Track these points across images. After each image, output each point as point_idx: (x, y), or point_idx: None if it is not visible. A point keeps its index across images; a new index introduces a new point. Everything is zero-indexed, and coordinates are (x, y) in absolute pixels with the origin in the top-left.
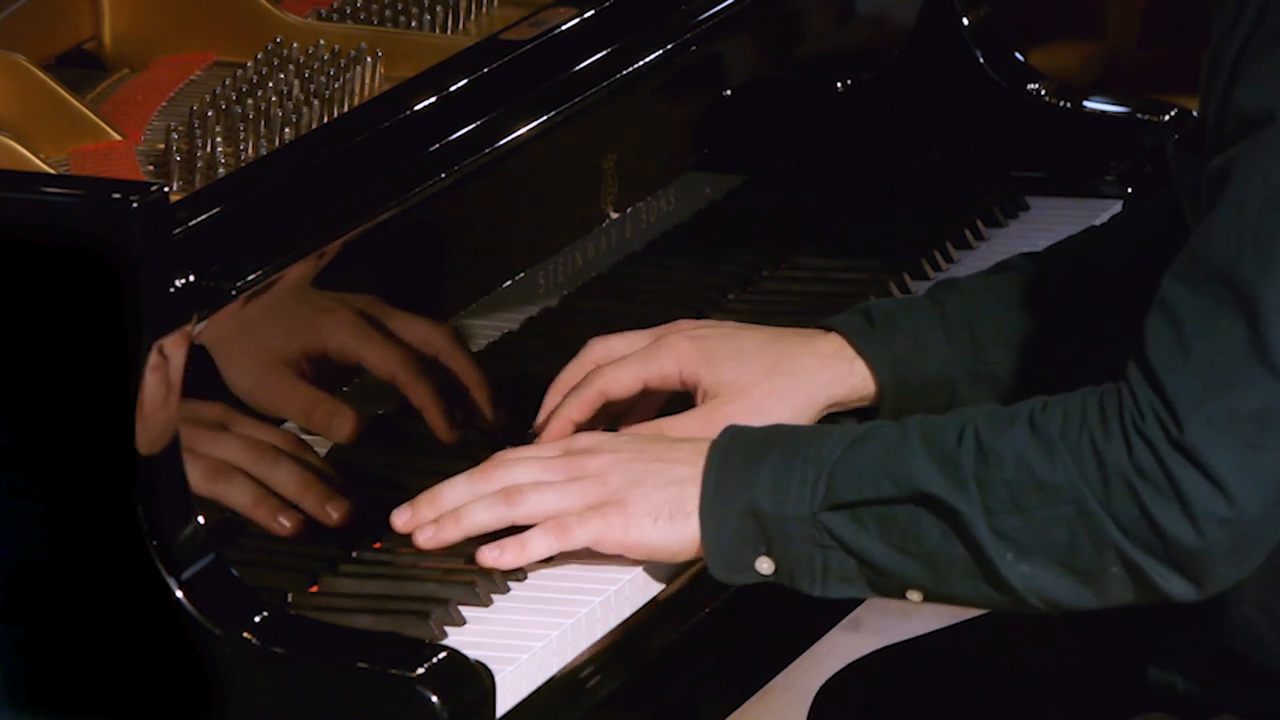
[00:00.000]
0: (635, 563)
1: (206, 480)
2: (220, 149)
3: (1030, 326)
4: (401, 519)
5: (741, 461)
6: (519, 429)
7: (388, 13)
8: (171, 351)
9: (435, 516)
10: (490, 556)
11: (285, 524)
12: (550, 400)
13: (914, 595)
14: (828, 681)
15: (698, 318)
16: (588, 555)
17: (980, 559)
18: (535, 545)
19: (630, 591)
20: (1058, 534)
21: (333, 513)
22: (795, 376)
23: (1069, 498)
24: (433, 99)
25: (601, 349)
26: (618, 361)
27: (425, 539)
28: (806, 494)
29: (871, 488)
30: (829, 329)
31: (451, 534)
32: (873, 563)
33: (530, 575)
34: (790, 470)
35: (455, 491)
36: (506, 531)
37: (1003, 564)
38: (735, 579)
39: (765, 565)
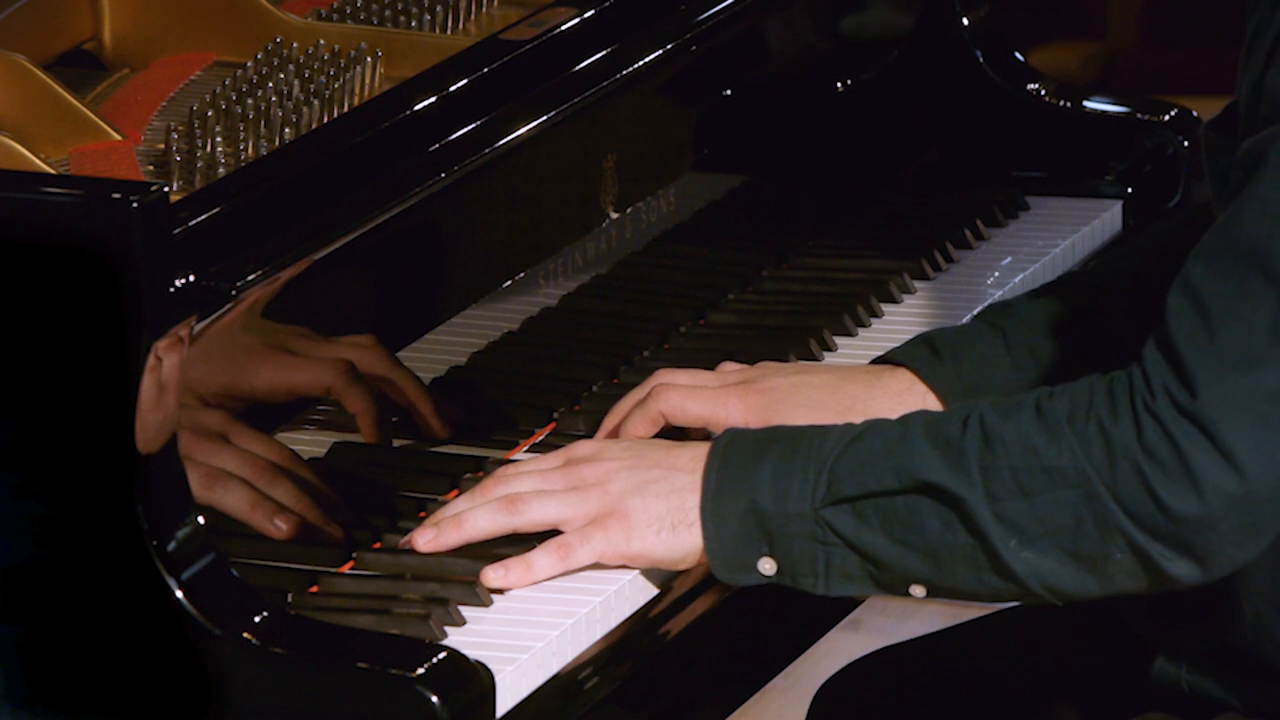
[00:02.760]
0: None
1: (203, 486)
2: (220, 149)
3: (1090, 344)
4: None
5: (741, 462)
6: (518, 429)
7: (388, 13)
8: (171, 351)
9: (439, 520)
10: (495, 576)
11: (282, 527)
12: (610, 422)
13: (917, 590)
14: (827, 681)
15: (698, 318)
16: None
17: (984, 546)
18: (539, 565)
19: (630, 591)
20: (1063, 518)
21: (329, 522)
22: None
23: (1075, 481)
24: (433, 99)
25: (667, 377)
26: (687, 389)
27: (424, 542)
28: (808, 490)
29: (874, 480)
30: (894, 363)
31: (451, 538)
32: (875, 557)
33: None
34: (791, 468)
35: (457, 503)
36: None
37: (1006, 551)
38: (738, 580)
39: (768, 566)
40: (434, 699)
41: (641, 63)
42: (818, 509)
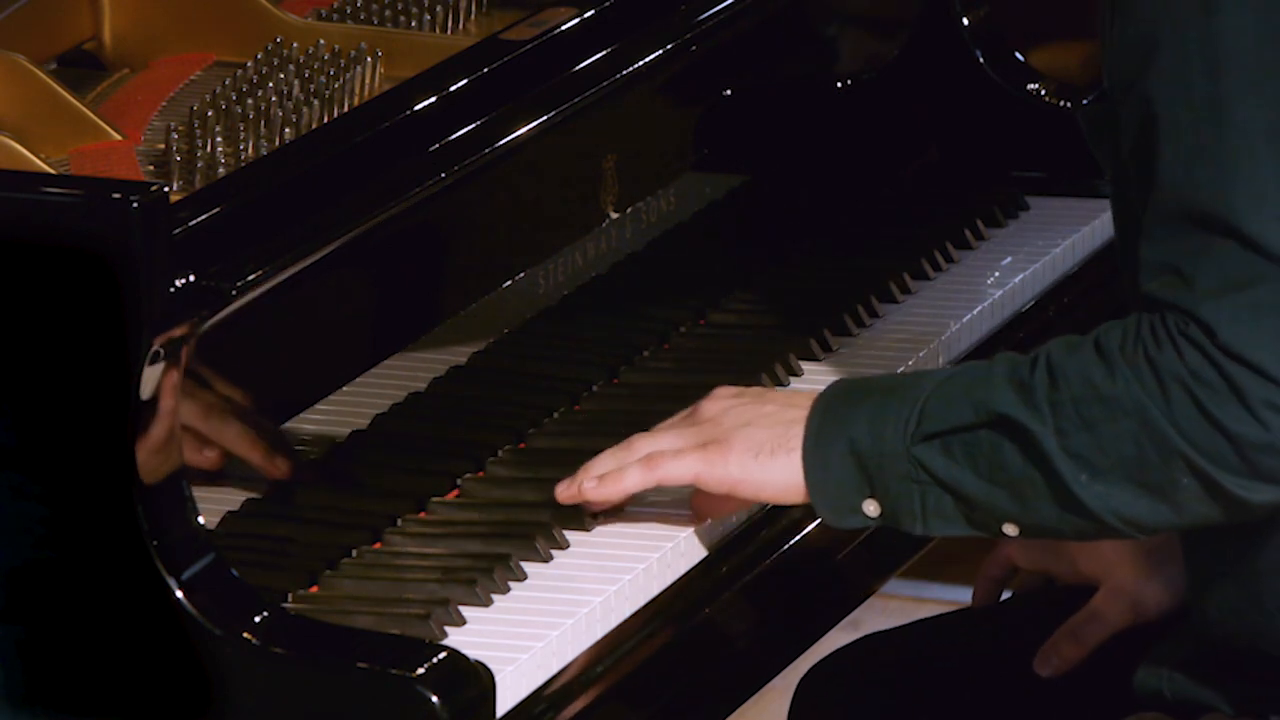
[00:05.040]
0: (635, 563)
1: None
2: (220, 149)
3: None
4: (564, 490)
5: (843, 405)
6: (518, 429)
7: (388, 13)
8: (171, 351)
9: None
10: (587, 488)
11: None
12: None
13: (1010, 529)
14: (810, 671)
15: (697, 318)
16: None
17: (1057, 482)
18: (630, 478)
19: (630, 592)
20: (1126, 449)
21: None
22: None
23: (1131, 409)
24: (433, 99)
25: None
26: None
27: (589, 488)
28: (901, 429)
29: (956, 415)
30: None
31: (613, 491)
32: (965, 495)
33: (530, 575)
34: (887, 409)
35: (604, 462)
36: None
37: (1077, 485)
38: (845, 522)
39: (872, 508)
40: (434, 699)
41: (641, 63)
42: (909, 447)
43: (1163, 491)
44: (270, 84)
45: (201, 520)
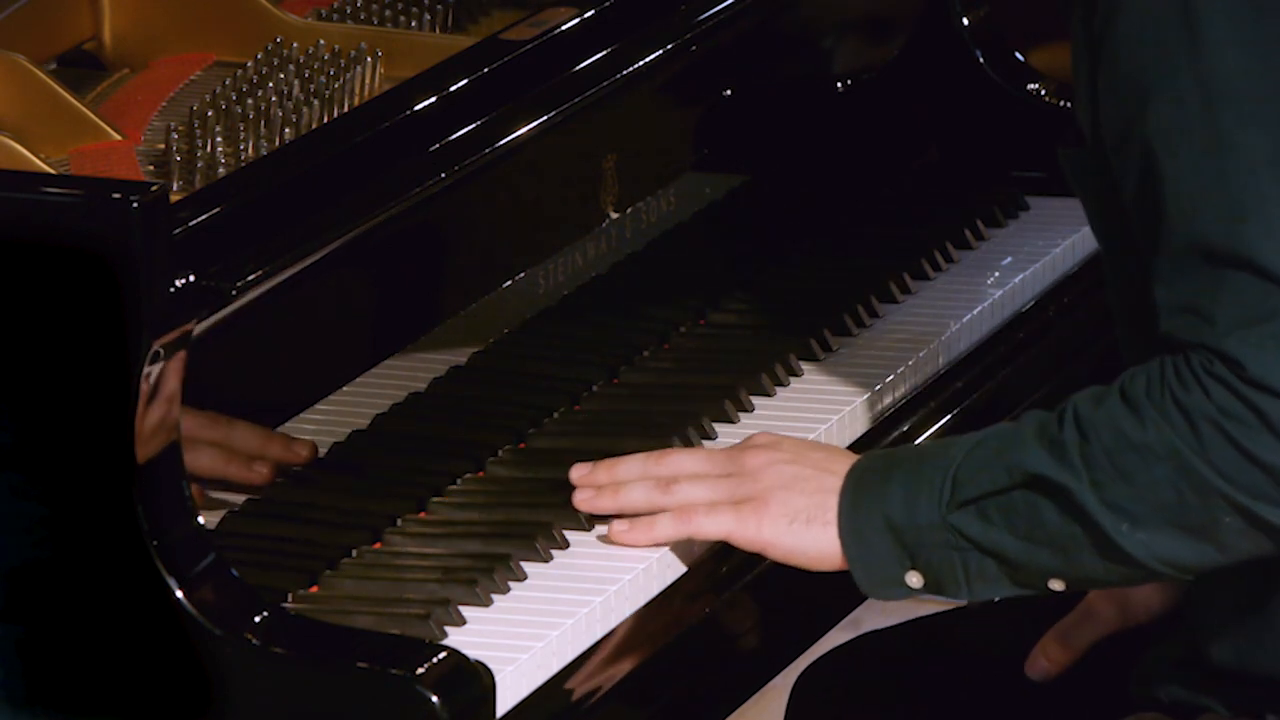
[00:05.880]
0: (635, 563)
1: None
2: (220, 149)
3: None
4: (578, 472)
5: (875, 477)
6: (518, 429)
7: (388, 13)
8: (171, 351)
9: (605, 484)
10: (618, 530)
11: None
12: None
13: (1056, 584)
14: (808, 668)
15: (697, 318)
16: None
17: (1099, 535)
18: (661, 529)
19: (630, 592)
20: (1164, 495)
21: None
22: None
23: (1165, 454)
24: (433, 99)
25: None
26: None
27: (582, 500)
28: (935, 499)
29: (989, 480)
30: None
31: (607, 505)
32: (1006, 557)
33: (530, 575)
34: (920, 480)
35: (630, 467)
36: None
37: (1119, 535)
38: (889, 595)
39: (915, 579)
40: (434, 699)
41: (641, 63)
42: (945, 516)
43: (1205, 532)
44: (270, 84)
45: (201, 520)
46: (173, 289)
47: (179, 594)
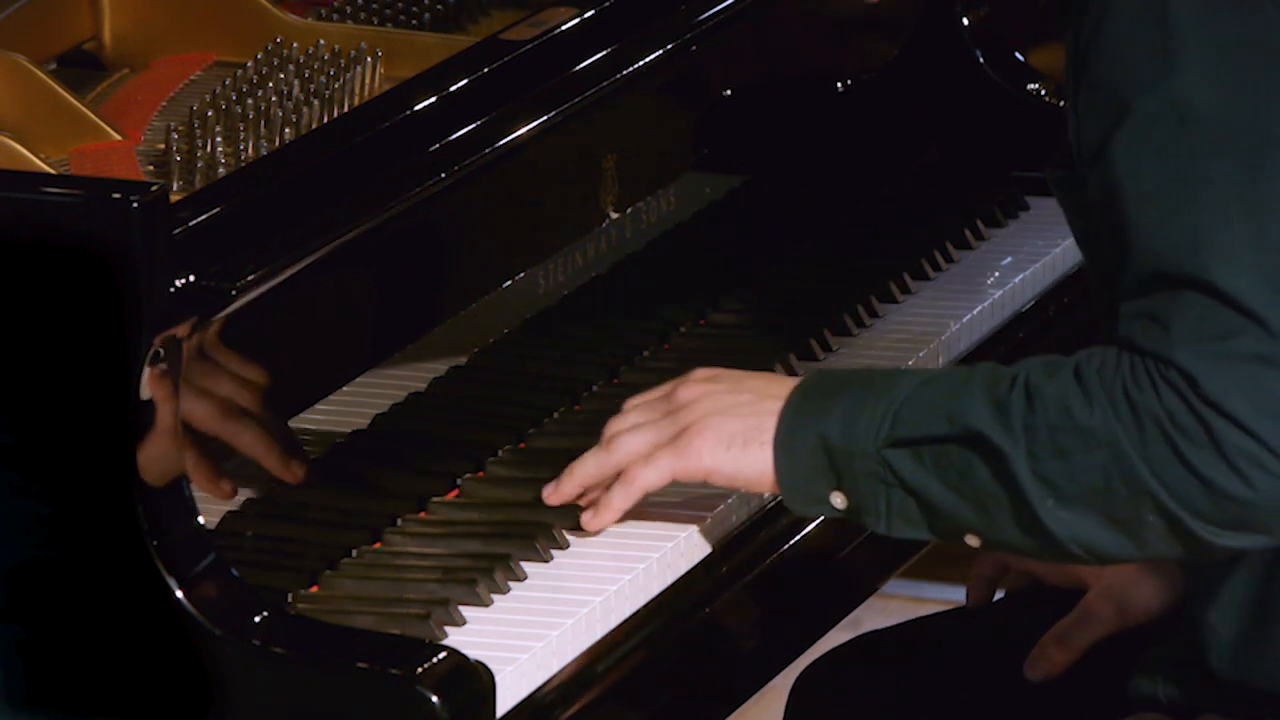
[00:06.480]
0: (635, 563)
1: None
2: (220, 149)
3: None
4: (548, 490)
5: (819, 397)
6: (518, 429)
7: (388, 13)
8: (171, 351)
9: (564, 478)
10: (585, 520)
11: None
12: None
13: (971, 540)
14: (806, 669)
15: (697, 318)
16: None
17: (1023, 504)
18: (615, 501)
19: (630, 591)
20: (1095, 479)
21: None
22: None
23: (1105, 442)
24: (433, 99)
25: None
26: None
27: (547, 494)
28: (873, 429)
29: (930, 424)
30: None
31: (568, 488)
32: (931, 503)
33: (530, 575)
34: (863, 406)
35: (586, 466)
36: None
37: (1042, 509)
38: (809, 511)
39: (838, 500)
40: (434, 699)
41: (641, 63)
42: (880, 449)
43: (1127, 525)
44: (270, 84)
45: (201, 520)
46: (173, 289)
47: (179, 594)
